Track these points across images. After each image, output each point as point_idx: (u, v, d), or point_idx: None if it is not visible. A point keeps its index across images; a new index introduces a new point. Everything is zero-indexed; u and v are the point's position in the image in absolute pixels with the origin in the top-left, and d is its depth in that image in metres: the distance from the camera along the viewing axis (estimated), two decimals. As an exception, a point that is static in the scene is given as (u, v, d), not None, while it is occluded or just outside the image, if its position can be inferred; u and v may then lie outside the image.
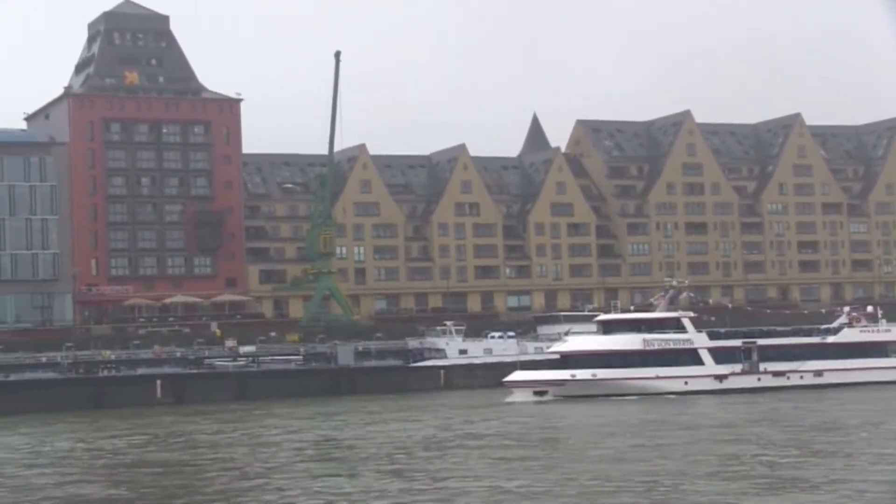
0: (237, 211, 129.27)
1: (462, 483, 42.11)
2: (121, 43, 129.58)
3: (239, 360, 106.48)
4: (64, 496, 43.03)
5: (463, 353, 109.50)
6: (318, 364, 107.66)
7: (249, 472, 48.39)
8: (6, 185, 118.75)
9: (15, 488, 45.38)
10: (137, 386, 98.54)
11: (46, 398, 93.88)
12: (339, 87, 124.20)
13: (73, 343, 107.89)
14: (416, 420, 73.00)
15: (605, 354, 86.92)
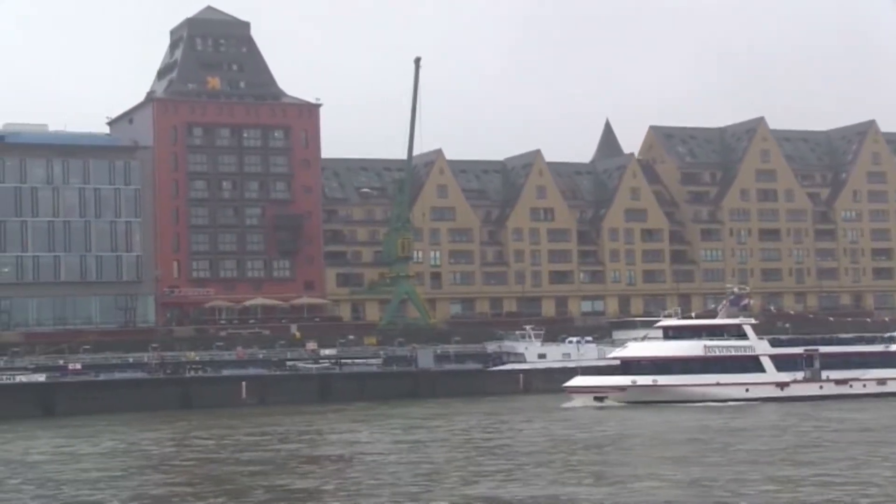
0: (316, 215, 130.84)
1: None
2: (203, 49, 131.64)
3: (321, 363, 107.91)
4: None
5: (542, 357, 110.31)
6: (398, 367, 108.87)
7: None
8: (92, 188, 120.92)
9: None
10: (223, 387, 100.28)
11: (136, 398, 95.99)
12: (418, 93, 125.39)
13: (157, 344, 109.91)
14: (553, 421, 73.93)
15: (666, 360, 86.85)
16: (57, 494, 44.80)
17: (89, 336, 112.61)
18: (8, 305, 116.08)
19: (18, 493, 45.47)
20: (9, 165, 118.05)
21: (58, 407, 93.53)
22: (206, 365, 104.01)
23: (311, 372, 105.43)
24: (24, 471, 53.68)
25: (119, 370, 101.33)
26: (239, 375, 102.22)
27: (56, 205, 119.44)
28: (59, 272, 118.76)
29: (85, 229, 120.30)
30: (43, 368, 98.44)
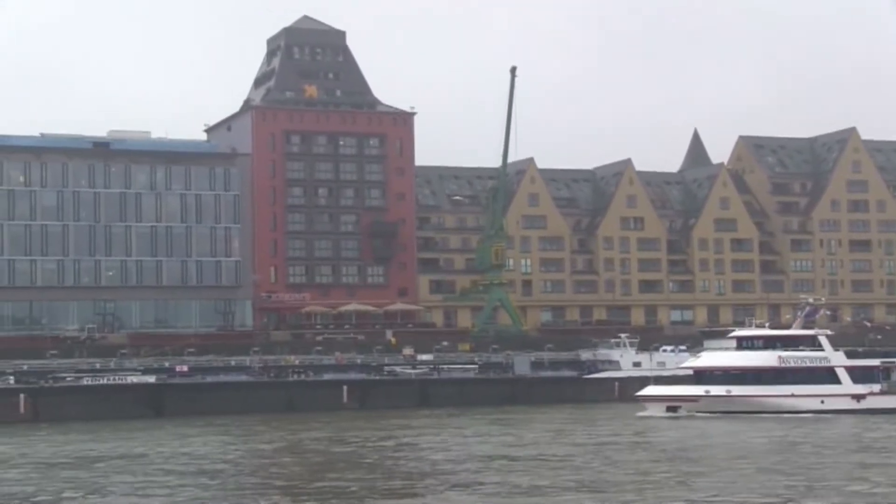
0: (409, 222, 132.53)
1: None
2: (300, 57, 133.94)
3: (418, 368, 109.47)
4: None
5: (636, 365, 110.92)
6: (495, 373, 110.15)
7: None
8: (193, 194, 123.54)
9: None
10: (325, 390, 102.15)
11: (241, 400, 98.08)
12: (513, 102, 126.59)
13: (258, 348, 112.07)
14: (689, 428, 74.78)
15: (740, 371, 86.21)
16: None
17: (190, 339, 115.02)
18: (112, 308, 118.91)
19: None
20: (114, 172, 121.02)
21: (167, 408, 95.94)
22: (308, 369, 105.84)
23: (410, 377, 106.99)
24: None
25: (224, 373, 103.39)
26: (340, 380, 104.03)
27: (158, 210, 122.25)
28: (160, 276, 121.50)
29: (186, 234, 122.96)
30: (151, 370, 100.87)
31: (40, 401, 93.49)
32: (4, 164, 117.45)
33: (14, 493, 46.95)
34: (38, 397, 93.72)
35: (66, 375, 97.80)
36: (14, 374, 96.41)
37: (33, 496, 46.01)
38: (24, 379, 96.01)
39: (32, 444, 69.60)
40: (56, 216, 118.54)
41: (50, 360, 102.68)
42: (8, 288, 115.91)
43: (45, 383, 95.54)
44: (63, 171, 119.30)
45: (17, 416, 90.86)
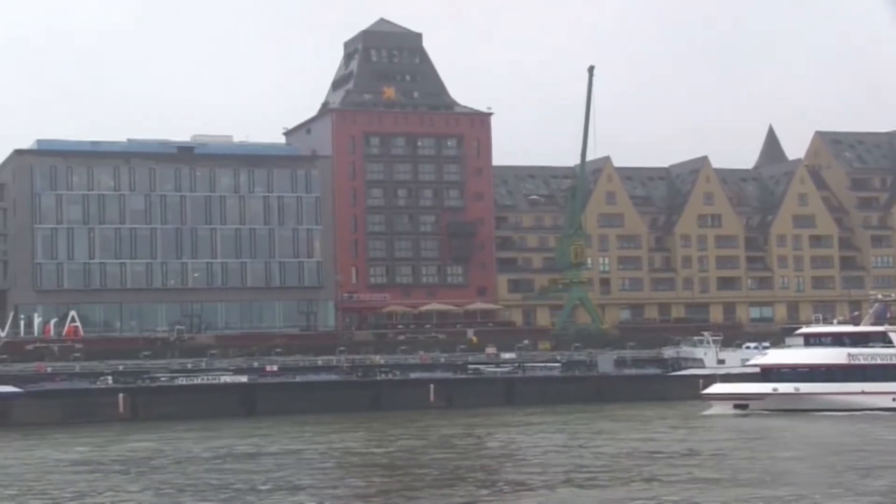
0: (488, 222, 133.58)
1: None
2: (378, 60, 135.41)
3: (502, 367, 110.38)
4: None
5: (721, 363, 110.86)
6: (579, 372, 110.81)
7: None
8: (275, 196, 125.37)
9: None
10: (412, 389, 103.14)
11: (330, 399, 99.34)
12: (591, 102, 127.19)
13: (343, 348, 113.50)
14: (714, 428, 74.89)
15: (808, 368, 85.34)
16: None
17: (276, 339, 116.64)
18: (199, 309, 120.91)
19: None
20: (199, 175, 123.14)
21: (258, 406, 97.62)
22: (395, 368, 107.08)
23: (495, 376, 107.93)
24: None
25: (312, 373, 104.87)
26: (426, 378, 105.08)
27: (242, 213, 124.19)
28: (245, 278, 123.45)
29: (269, 236, 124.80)
30: (242, 370, 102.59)
31: (138, 400, 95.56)
32: (95, 169, 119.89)
33: (210, 483, 49.10)
34: (136, 397, 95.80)
35: (160, 375, 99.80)
36: (112, 375, 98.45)
37: (231, 485, 48.10)
38: (121, 379, 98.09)
39: (170, 441, 71.51)
40: (144, 219, 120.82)
41: (143, 360, 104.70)
42: (99, 290, 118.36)
43: (143, 383, 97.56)
44: (150, 176, 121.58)
45: (116, 416, 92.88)
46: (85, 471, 55.66)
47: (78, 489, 48.56)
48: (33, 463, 60.44)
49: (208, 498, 45.09)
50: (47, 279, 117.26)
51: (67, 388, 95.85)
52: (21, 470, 56.81)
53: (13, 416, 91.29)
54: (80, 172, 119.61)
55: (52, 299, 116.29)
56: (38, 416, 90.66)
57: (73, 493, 47.41)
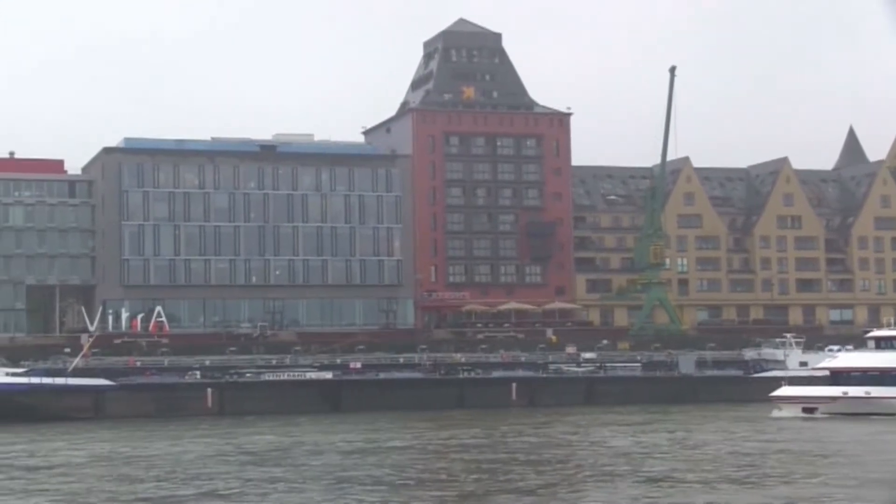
0: (566, 222, 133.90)
1: None
2: (457, 60, 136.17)
3: (583, 366, 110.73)
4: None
5: (803, 364, 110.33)
6: (660, 372, 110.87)
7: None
8: (356, 195, 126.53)
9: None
10: (495, 388, 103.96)
11: (413, 397, 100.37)
12: (672, 102, 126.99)
13: (425, 346, 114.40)
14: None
15: (879, 372, 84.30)
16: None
17: (357, 337, 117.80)
18: (280, 306, 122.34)
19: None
20: (281, 174, 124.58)
21: (343, 403, 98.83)
22: (477, 366, 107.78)
23: (577, 375, 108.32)
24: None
25: (395, 370, 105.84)
26: (509, 377, 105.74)
27: (324, 211, 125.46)
28: (326, 275, 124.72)
29: (350, 235, 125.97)
30: (326, 367, 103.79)
31: (225, 395, 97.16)
32: (180, 167, 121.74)
33: (359, 475, 51.24)
34: (224, 391, 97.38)
35: (246, 371, 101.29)
36: (199, 370, 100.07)
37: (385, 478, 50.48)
38: (208, 374, 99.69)
39: (287, 436, 73.50)
40: (228, 217, 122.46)
41: (229, 356, 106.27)
42: (184, 286, 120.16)
43: (230, 378, 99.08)
44: (234, 174, 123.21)
45: (204, 410, 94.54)
46: (241, 462, 58.10)
47: (247, 477, 51.07)
48: (175, 453, 62.97)
49: (373, 490, 46.71)
50: (134, 275, 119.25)
51: (158, 383, 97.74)
52: (175, 461, 58.94)
53: (107, 409, 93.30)
54: (165, 170, 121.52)
55: (138, 295, 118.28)
56: (130, 409, 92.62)
57: (241, 481, 49.88)
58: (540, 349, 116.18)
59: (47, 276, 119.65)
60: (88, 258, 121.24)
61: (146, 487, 48.63)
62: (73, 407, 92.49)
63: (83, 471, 55.71)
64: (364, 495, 45.10)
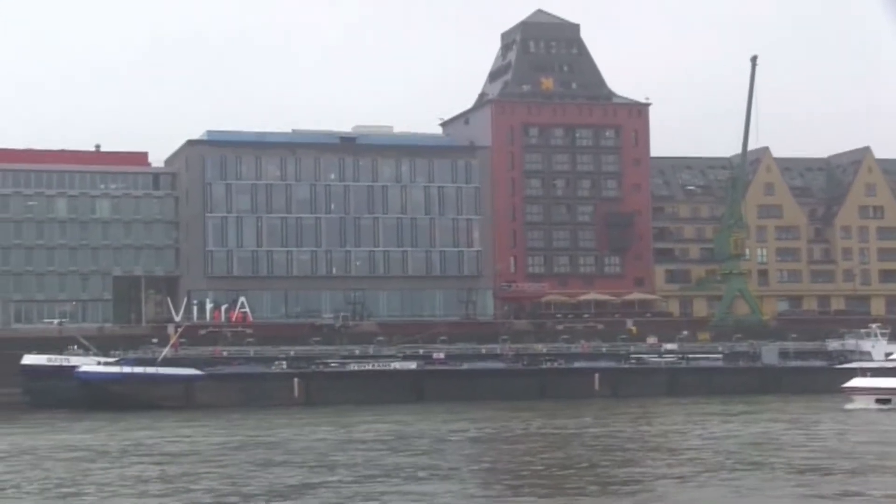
0: (645, 212, 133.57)
1: None
2: (535, 51, 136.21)
3: (664, 357, 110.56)
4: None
5: (888, 355, 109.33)
6: (743, 363, 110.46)
7: None
8: (436, 186, 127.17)
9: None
10: (577, 378, 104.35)
11: (496, 387, 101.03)
12: (753, 92, 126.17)
13: (506, 336, 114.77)
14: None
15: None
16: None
17: (439, 327, 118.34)
18: (361, 297, 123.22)
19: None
20: (361, 165, 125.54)
21: (427, 393, 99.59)
22: (559, 357, 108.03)
23: (659, 366, 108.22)
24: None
25: (477, 361, 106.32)
26: (591, 368, 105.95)
27: (404, 202, 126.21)
28: (406, 266, 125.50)
29: (430, 226, 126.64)
30: (409, 357, 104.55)
31: (312, 385, 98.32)
32: (262, 159, 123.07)
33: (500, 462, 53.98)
34: (310, 381, 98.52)
35: (331, 361, 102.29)
36: (286, 360, 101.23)
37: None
38: (294, 364, 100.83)
39: (399, 424, 75.59)
40: (309, 209, 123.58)
41: (312, 346, 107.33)
42: (266, 277, 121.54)
43: (315, 368, 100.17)
44: (315, 166, 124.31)
45: (292, 400, 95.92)
46: (377, 448, 60.35)
47: (392, 463, 53.49)
48: (312, 439, 65.51)
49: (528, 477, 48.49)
50: (218, 266, 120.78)
51: (245, 372, 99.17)
52: (306, 448, 61.31)
53: (196, 398, 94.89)
54: (248, 162, 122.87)
55: (221, 285, 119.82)
56: (219, 399, 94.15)
57: (389, 466, 52.14)
58: (621, 340, 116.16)
59: (133, 267, 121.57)
60: (172, 249, 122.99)
61: (308, 473, 50.41)
62: (164, 396, 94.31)
63: (228, 457, 57.63)
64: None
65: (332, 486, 45.91)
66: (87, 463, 55.89)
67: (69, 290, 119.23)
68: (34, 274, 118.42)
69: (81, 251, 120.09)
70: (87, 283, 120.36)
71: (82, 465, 55.07)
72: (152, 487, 46.86)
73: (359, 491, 44.32)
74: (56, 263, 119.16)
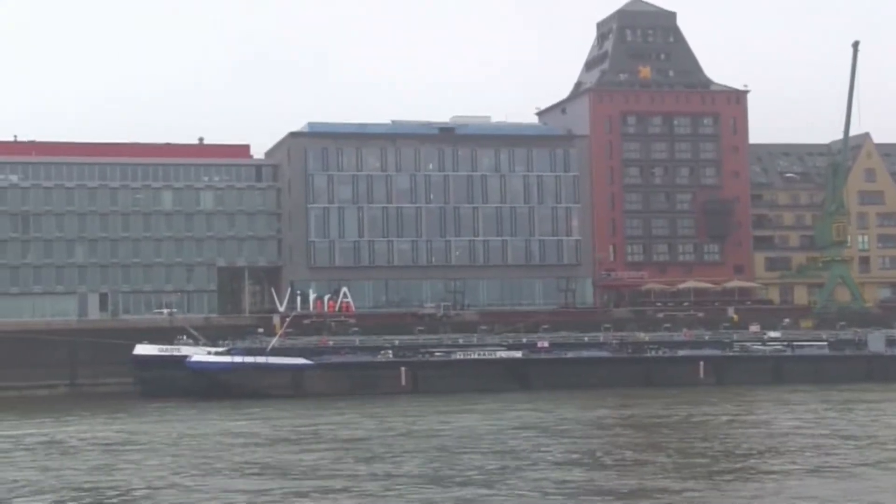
0: (744, 200, 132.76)
1: None
2: (632, 40, 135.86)
3: (768, 345, 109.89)
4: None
5: None
6: (849, 351, 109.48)
7: None
8: (535, 175, 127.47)
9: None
10: (682, 366, 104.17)
11: (601, 375, 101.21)
12: (855, 78, 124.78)
13: (609, 325, 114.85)
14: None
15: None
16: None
17: (538, 316, 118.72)
18: (461, 286, 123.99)
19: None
20: (461, 155, 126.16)
21: (533, 381, 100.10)
22: (663, 345, 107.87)
23: (764, 354, 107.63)
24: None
25: (581, 349, 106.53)
26: (696, 356, 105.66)
27: (503, 192, 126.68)
28: (506, 255, 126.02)
29: (529, 215, 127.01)
30: (513, 346, 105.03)
31: (418, 373, 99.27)
32: (363, 150, 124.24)
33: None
34: (417, 370, 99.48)
35: (436, 350, 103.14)
36: (391, 349, 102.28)
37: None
38: (399, 353, 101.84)
39: (543, 411, 77.56)
40: (409, 199, 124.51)
41: (416, 335, 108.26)
42: (368, 267, 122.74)
43: (421, 357, 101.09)
44: (415, 156, 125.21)
45: (398, 388, 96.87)
46: (549, 435, 63.53)
47: (577, 448, 56.53)
48: (460, 426, 68.11)
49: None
50: (320, 256, 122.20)
51: (353, 361, 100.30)
52: (475, 435, 63.90)
53: (305, 387, 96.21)
54: (349, 154, 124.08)
55: (324, 276, 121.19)
56: (328, 387, 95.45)
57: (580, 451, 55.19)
58: (724, 328, 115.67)
59: (236, 258, 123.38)
60: (275, 240, 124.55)
61: (499, 459, 53.08)
62: (274, 385, 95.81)
63: (404, 443, 60.24)
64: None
65: (540, 470, 48.96)
66: (287, 448, 58.96)
67: (175, 281, 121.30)
68: (141, 265, 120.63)
69: (186, 243, 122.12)
70: (191, 274, 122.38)
71: (279, 450, 58.23)
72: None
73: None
74: (162, 255, 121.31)
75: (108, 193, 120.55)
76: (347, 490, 45.21)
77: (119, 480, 48.80)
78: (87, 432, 69.33)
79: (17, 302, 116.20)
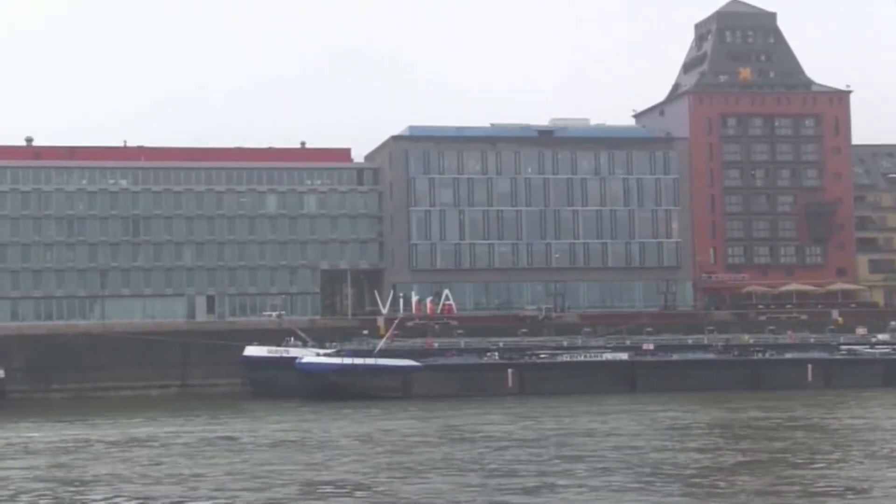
0: (846, 202, 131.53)
1: None
2: (732, 41, 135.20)
3: (877, 348, 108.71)
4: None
5: None
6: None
7: None
8: (634, 178, 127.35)
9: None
10: (790, 369, 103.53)
11: (707, 378, 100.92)
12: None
13: (713, 327, 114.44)
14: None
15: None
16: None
17: (639, 318, 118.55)
18: (562, 289, 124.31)
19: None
20: (560, 158, 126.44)
21: (639, 383, 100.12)
22: (769, 348, 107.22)
23: (874, 357, 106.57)
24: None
25: (687, 351, 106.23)
26: (803, 359, 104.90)
27: (602, 194, 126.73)
28: (606, 258, 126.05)
29: (629, 217, 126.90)
30: (621, 348, 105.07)
31: (525, 375, 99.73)
32: (463, 153, 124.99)
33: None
34: (523, 372, 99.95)
35: (541, 352, 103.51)
36: (497, 351, 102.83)
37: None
38: (505, 355, 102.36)
39: (640, 413, 78.04)
40: (510, 202, 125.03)
41: (520, 337, 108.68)
42: (468, 270, 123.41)
43: (528, 359, 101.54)
44: (515, 159, 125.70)
45: (505, 390, 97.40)
46: (717, 434, 65.05)
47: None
48: (610, 427, 68.98)
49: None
50: (422, 259, 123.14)
51: (460, 363, 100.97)
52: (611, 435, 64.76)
53: (414, 388, 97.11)
54: (449, 157, 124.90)
55: (425, 278, 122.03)
56: (435, 389, 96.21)
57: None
58: (829, 331, 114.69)
59: (339, 260, 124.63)
60: (376, 243, 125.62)
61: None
62: (383, 386, 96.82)
63: (556, 441, 61.28)
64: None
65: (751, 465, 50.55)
66: (467, 446, 60.08)
67: (279, 283, 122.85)
68: (247, 268, 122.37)
69: (291, 245, 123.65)
70: (295, 277, 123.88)
71: (464, 447, 59.59)
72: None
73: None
74: (267, 258, 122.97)
75: (215, 197, 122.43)
76: (596, 489, 45.39)
77: (338, 476, 49.76)
78: (254, 430, 70.77)
79: (129, 303, 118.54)
